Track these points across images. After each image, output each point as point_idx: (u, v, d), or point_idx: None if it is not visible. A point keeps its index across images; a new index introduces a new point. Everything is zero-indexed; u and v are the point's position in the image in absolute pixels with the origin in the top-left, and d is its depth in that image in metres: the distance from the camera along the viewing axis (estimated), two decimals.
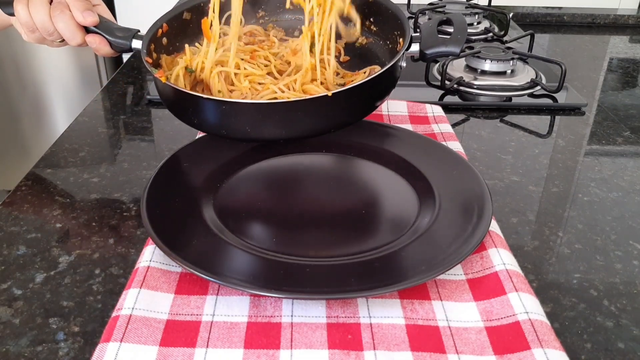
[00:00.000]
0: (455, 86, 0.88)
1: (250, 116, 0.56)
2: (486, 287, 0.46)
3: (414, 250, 0.49)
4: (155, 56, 0.66)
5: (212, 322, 0.43)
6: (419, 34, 0.63)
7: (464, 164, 0.60)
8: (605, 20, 1.35)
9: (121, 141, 0.73)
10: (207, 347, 0.41)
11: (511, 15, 1.18)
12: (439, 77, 0.90)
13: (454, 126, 0.78)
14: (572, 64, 1.06)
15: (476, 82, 0.88)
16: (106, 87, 0.90)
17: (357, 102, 0.59)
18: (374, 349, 0.41)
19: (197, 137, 0.66)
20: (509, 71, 0.92)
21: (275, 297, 0.43)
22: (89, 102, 0.84)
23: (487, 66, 0.91)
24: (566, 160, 0.71)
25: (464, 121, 0.80)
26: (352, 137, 0.67)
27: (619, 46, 1.22)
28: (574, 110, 0.84)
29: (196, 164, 0.61)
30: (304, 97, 0.55)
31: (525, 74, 0.91)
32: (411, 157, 0.63)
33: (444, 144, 0.67)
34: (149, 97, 0.84)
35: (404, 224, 0.53)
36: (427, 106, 0.79)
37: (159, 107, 0.82)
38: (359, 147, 0.65)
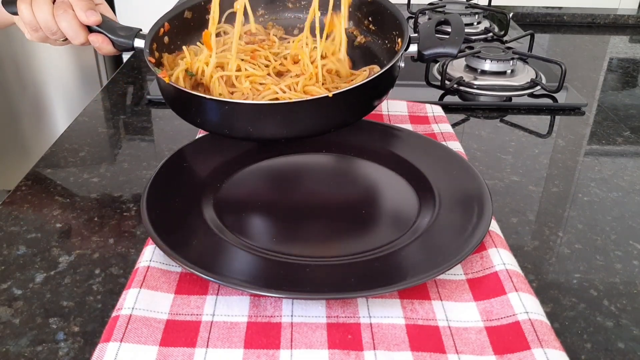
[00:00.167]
0: (455, 86, 0.88)
1: (252, 116, 0.56)
2: (486, 287, 0.46)
3: (414, 250, 0.49)
4: (157, 55, 0.66)
5: (212, 322, 0.43)
6: (417, 35, 0.63)
7: (464, 164, 0.60)
8: (605, 20, 1.35)
9: (121, 141, 0.73)
10: (207, 347, 0.41)
11: (511, 15, 1.18)
12: (439, 77, 0.90)
13: (454, 126, 0.78)
14: (572, 64, 1.06)
15: (476, 82, 0.88)
16: (106, 87, 0.90)
17: (357, 103, 0.60)
18: (374, 349, 0.41)
19: (197, 137, 0.66)
20: (509, 71, 0.92)
21: (275, 297, 0.43)
22: (89, 102, 0.84)
23: (487, 66, 0.91)
24: (566, 160, 0.71)
25: (464, 121, 0.80)
26: (352, 137, 0.67)
27: (619, 46, 1.22)
28: (574, 110, 0.84)
29: (196, 164, 0.62)
30: (305, 98, 0.56)
31: (525, 74, 0.91)
32: (411, 157, 0.63)
33: (444, 144, 0.67)
34: (149, 97, 0.84)
35: (404, 224, 0.53)
36: (427, 106, 0.79)
37: (159, 107, 0.82)
38: (359, 147, 0.65)
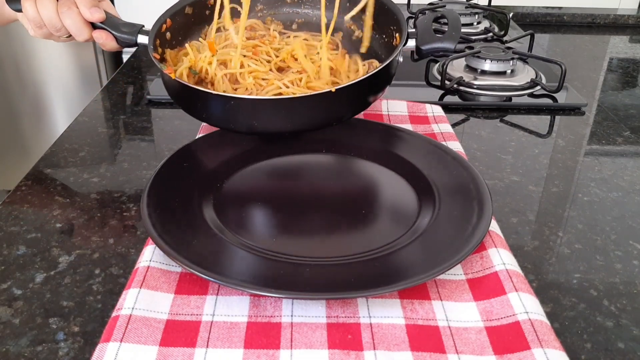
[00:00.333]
0: (455, 86, 0.88)
1: (257, 111, 0.57)
2: (486, 287, 0.46)
3: (414, 250, 0.49)
4: (160, 51, 0.67)
5: (212, 322, 0.43)
6: (415, 30, 0.65)
7: (464, 164, 0.60)
8: (605, 20, 1.35)
9: (121, 141, 0.73)
10: (207, 347, 0.41)
11: (511, 15, 1.18)
12: (439, 77, 0.90)
13: (454, 126, 0.78)
14: (572, 64, 1.06)
15: (476, 82, 0.88)
16: (106, 87, 0.90)
17: (358, 97, 0.61)
18: (374, 349, 0.41)
19: (197, 137, 0.66)
20: (509, 71, 0.92)
21: (275, 297, 0.43)
22: (89, 102, 0.84)
23: (487, 66, 0.91)
24: (566, 160, 0.71)
25: (464, 121, 0.80)
26: (352, 137, 0.67)
27: (619, 46, 1.22)
28: (574, 110, 0.84)
29: (196, 164, 0.62)
30: (309, 93, 0.58)
31: (525, 74, 0.91)
32: (411, 157, 0.63)
33: (444, 144, 0.67)
34: (149, 97, 0.84)
35: (403, 224, 0.53)
36: (427, 106, 0.79)
37: (159, 107, 0.82)
38: (359, 147, 0.65)
